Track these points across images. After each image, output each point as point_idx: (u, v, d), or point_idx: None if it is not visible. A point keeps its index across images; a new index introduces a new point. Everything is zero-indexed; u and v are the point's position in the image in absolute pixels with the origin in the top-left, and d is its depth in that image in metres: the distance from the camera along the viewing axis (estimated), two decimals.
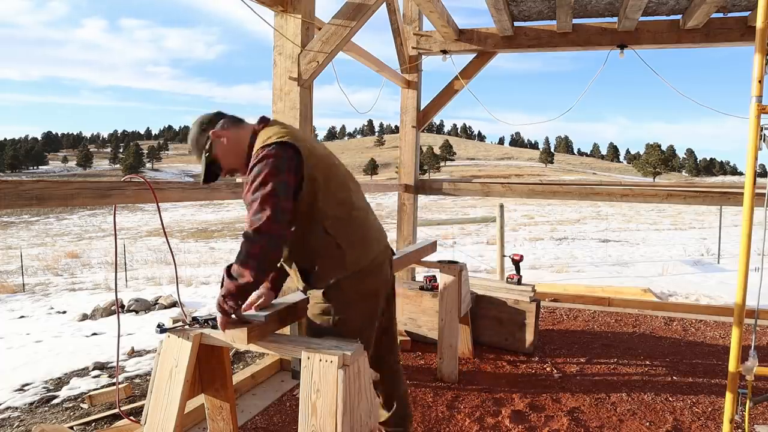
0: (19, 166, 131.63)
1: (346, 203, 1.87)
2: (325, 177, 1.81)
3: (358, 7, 3.13)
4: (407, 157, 5.56)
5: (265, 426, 2.72)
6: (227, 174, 1.91)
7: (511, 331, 3.88)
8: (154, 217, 46.61)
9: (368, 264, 1.89)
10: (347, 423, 1.63)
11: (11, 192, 1.78)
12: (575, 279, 8.84)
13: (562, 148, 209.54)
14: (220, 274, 13.14)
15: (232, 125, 1.87)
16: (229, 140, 1.84)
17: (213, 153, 1.84)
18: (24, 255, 17.69)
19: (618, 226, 23.07)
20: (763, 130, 1.97)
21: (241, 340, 1.77)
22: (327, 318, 1.86)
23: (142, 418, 1.91)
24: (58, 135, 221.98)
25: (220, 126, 1.85)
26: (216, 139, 1.83)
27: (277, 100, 3.26)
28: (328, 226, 1.80)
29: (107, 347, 5.03)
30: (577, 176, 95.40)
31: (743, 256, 2.01)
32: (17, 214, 51.81)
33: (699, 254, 12.35)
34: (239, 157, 1.85)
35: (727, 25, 4.53)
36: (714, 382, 3.39)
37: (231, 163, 1.87)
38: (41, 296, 10.64)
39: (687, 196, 4.76)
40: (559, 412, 2.92)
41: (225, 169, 1.89)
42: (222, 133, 1.84)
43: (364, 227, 1.92)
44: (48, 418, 3.13)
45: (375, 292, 1.94)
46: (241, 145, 1.85)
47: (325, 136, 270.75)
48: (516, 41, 5.07)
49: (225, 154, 1.85)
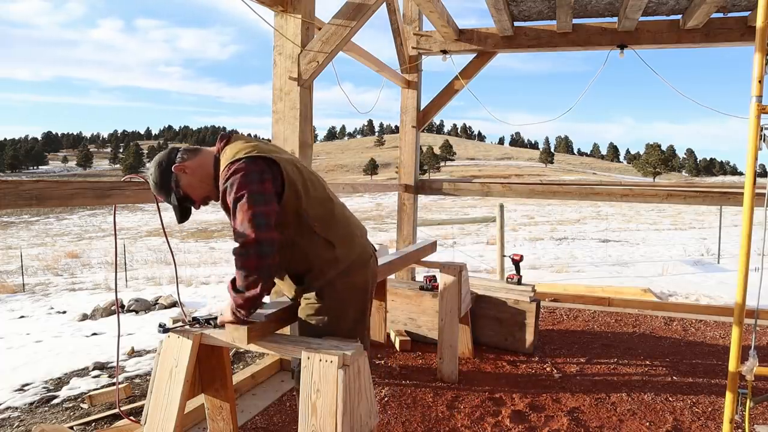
0: (19, 166, 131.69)
1: (326, 202, 1.90)
2: (302, 181, 1.83)
3: (358, 7, 3.13)
4: (407, 157, 5.56)
5: (265, 426, 2.71)
6: (201, 204, 1.86)
7: (511, 331, 3.88)
8: (154, 217, 46.60)
9: (356, 258, 1.94)
10: (347, 423, 1.63)
11: (11, 192, 1.78)
12: (575, 279, 8.84)
13: (562, 148, 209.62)
14: (219, 273, 13.14)
15: (190, 154, 1.82)
16: (192, 170, 1.80)
17: (181, 188, 1.80)
18: (24, 255, 17.69)
19: (618, 226, 23.08)
20: (763, 130, 1.97)
21: (241, 340, 1.77)
22: (321, 318, 1.89)
23: (142, 418, 1.91)
24: (58, 135, 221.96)
25: (179, 159, 1.80)
26: (179, 173, 1.79)
27: (277, 101, 3.26)
28: (316, 227, 1.83)
29: (107, 347, 5.03)
30: (577, 176, 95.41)
31: (743, 256, 2.01)
32: (17, 214, 51.81)
33: (699, 254, 12.36)
34: (206, 183, 1.82)
35: (727, 25, 4.53)
36: (714, 382, 3.39)
37: (200, 192, 1.83)
38: (41, 296, 10.64)
39: (687, 196, 4.76)
40: (559, 412, 2.92)
41: (197, 201, 1.84)
42: (183, 166, 1.79)
43: (346, 223, 1.97)
44: (48, 418, 3.13)
45: (365, 286, 1.98)
46: (206, 170, 1.81)
47: (325, 136, 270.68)
48: (516, 41, 5.07)
49: (191, 185, 1.81)
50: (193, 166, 1.80)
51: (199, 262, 16.32)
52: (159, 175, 1.80)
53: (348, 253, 1.90)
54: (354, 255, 1.92)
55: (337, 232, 1.89)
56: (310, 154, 3.38)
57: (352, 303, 1.94)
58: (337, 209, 1.94)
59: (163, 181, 1.80)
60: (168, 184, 1.80)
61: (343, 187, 4.58)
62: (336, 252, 1.87)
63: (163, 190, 1.81)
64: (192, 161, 1.81)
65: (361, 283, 1.96)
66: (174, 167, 1.78)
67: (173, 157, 1.81)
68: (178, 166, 1.78)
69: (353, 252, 1.93)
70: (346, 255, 1.90)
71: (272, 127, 3.29)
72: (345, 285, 1.90)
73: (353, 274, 1.92)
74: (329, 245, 1.86)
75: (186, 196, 1.82)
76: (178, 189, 1.80)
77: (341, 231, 1.91)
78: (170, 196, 1.81)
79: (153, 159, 1.86)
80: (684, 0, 4.28)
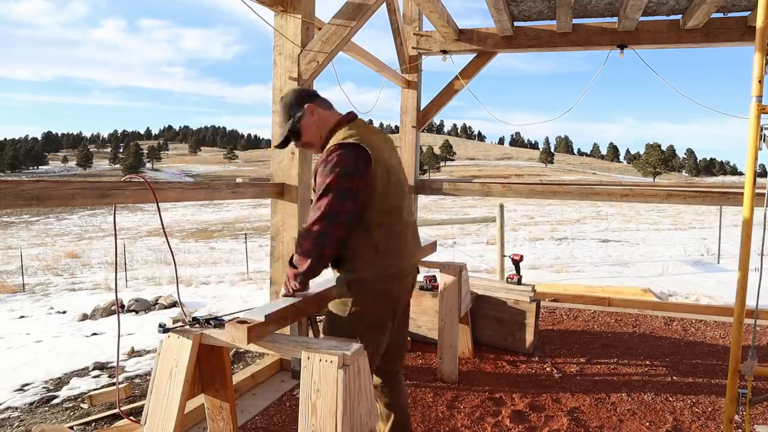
0: (19, 166, 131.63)
1: (393, 214, 1.96)
2: (384, 185, 1.90)
3: (358, 7, 3.13)
4: (407, 157, 5.56)
5: (265, 426, 2.72)
6: (302, 146, 2.05)
7: (511, 331, 3.88)
8: (154, 217, 46.61)
9: (395, 272, 1.98)
10: (347, 423, 1.63)
11: (11, 192, 1.78)
12: (575, 279, 8.85)
13: (562, 148, 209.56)
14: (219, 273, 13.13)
15: (325, 106, 2.01)
16: (318, 117, 1.98)
17: (300, 123, 1.97)
18: (24, 255, 17.69)
19: (618, 226, 23.08)
20: (763, 130, 1.97)
21: (241, 340, 1.77)
22: (344, 308, 1.94)
23: (142, 418, 1.91)
24: (58, 135, 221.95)
25: (317, 103, 1.98)
26: (308, 111, 1.96)
27: (277, 100, 3.26)
28: (372, 229, 1.89)
29: (107, 347, 5.03)
30: (577, 176, 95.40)
31: (743, 256, 2.01)
32: (17, 214, 51.81)
33: (699, 254, 12.36)
34: (317, 137, 1.99)
35: (727, 25, 4.53)
36: (714, 382, 3.39)
37: (311, 139, 2.01)
38: (41, 296, 10.65)
39: (687, 196, 4.76)
40: (559, 412, 2.92)
41: (302, 141, 2.02)
42: (315, 108, 1.97)
43: (402, 241, 2.00)
44: (48, 418, 3.13)
45: (393, 297, 2.01)
46: (324, 127, 1.98)
47: None
48: (516, 41, 5.07)
49: (309, 129, 1.98)
50: (320, 116, 1.98)
51: (199, 262, 16.32)
52: (293, 100, 1.99)
53: (387, 264, 1.94)
54: (392, 269, 1.96)
55: (387, 242, 1.92)
56: (311, 154, 3.39)
57: (375, 306, 1.96)
58: (398, 225, 1.98)
59: (291, 106, 1.98)
60: (294, 111, 1.98)
61: None
62: (377, 258, 1.91)
63: (286, 112, 1.99)
64: (322, 111, 1.99)
65: (389, 293, 1.98)
66: (309, 105, 1.96)
67: (313, 97, 2.00)
68: (311, 106, 1.96)
69: (392, 266, 1.96)
70: (384, 265, 1.93)
71: (272, 127, 3.29)
72: (374, 288, 1.93)
73: (385, 283, 1.95)
74: (374, 250, 1.90)
75: (297, 131, 1.99)
76: (296, 122, 1.98)
77: (391, 244, 1.94)
78: (287, 121, 1.99)
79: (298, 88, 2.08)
80: (684, 0, 4.28)
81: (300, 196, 3.25)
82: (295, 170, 3.25)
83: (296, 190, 3.25)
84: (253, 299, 8.69)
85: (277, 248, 3.32)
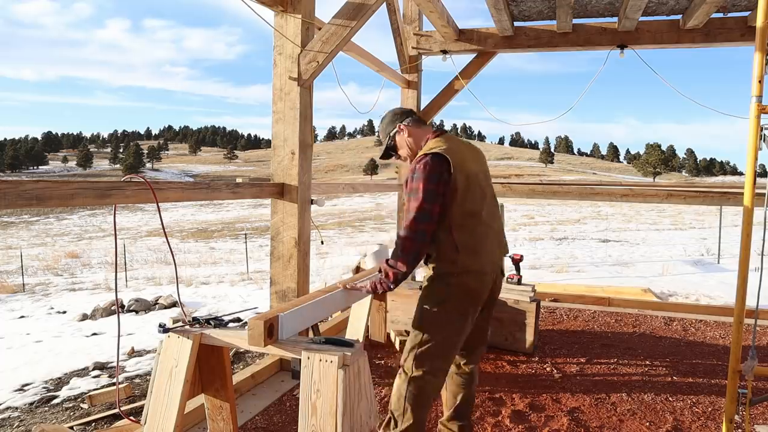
0: (19, 166, 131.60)
1: (474, 216, 2.10)
2: (463, 191, 2.06)
3: (358, 7, 3.13)
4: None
5: (265, 426, 2.71)
6: (398, 158, 2.37)
7: (511, 331, 3.88)
8: (154, 217, 46.61)
9: (476, 269, 2.09)
10: (347, 423, 1.63)
11: (11, 192, 1.78)
12: (575, 279, 8.85)
13: (562, 148, 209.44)
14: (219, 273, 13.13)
15: (415, 124, 2.28)
16: (409, 134, 2.26)
17: (394, 140, 2.30)
18: (24, 255, 17.69)
19: (618, 226, 23.08)
20: (763, 130, 1.97)
21: (241, 341, 1.77)
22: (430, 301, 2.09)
23: (142, 418, 1.91)
24: (58, 135, 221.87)
25: (407, 122, 2.27)
26: (400, 131, 2.27)
27: (277, 100, 3.26)
28: (454, 230, 2.03)
29: (107, 347, 5.04)
30: (577, 176, 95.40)
31: (743, 256, 2.01)
32: (17, 214, 51.82)
33: (699, 254, 12.37)
34: (411, 150, 2.27)
35: (727, 25, 4.53)
36: (714, 382, 3.39)
37: (404, 152, 2.31)
38: (41, 296, 10.65)
39: (687, 196, 4.76)
40: (559, 412, 2.92)
41: (398, 154, 2.34)
42: (405, 129, 2.26)
43: (483, 242, 2.12)
44: (48, 418, 3.13)
45: (474, 293, 2.11)
46: (416, 142, 2.26)
47: (326, 136, 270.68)
48: (516, 41, 5.07)
49: (402, 145, 2.29)
50: (412, 133, 2.26)
51: (199, 262, 16.33)
52: (389, 121, 2.31)
53: (469, 263, 2.06)
54: (474, 267, 2.07)
55: (468, 243, 2.05)
56: (310, 154, 3.38)
57: (456, 302, 2.07)
58: (481, 228, 2.10)
59: (387, 125, 2.30)
60: (390, 129, 2.30)
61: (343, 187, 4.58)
62: (458, 257, 2.03)
63: (384, 130, 2.33)
64: (413, 129, 2.26)
65: (471, 289, 2.08)
66: (400, 125, 2.26)
67: (405, 116, 2.29)
68: (402, 126, 2.26)
69: (475, 264, 2.07)
70: (466, 263, 2.05)
71: (272, 127, 3.29)
72: (455, 283, 2.06)
73: (467, 279, 2.07)
74: (455, 249, 2.03)
75: (392, 146, 2.33)
76: (392, 138, 2.31)
77: (472, 243, 2.06)
78: (386, 139, 2.32)
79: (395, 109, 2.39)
80: (684, 0, 4.28)
81: (300, 196, 3.25)
82: (295, 170, 3.25)
83: (296, 190, 3.24)
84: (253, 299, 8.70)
85: (278, 248, 3.32)
